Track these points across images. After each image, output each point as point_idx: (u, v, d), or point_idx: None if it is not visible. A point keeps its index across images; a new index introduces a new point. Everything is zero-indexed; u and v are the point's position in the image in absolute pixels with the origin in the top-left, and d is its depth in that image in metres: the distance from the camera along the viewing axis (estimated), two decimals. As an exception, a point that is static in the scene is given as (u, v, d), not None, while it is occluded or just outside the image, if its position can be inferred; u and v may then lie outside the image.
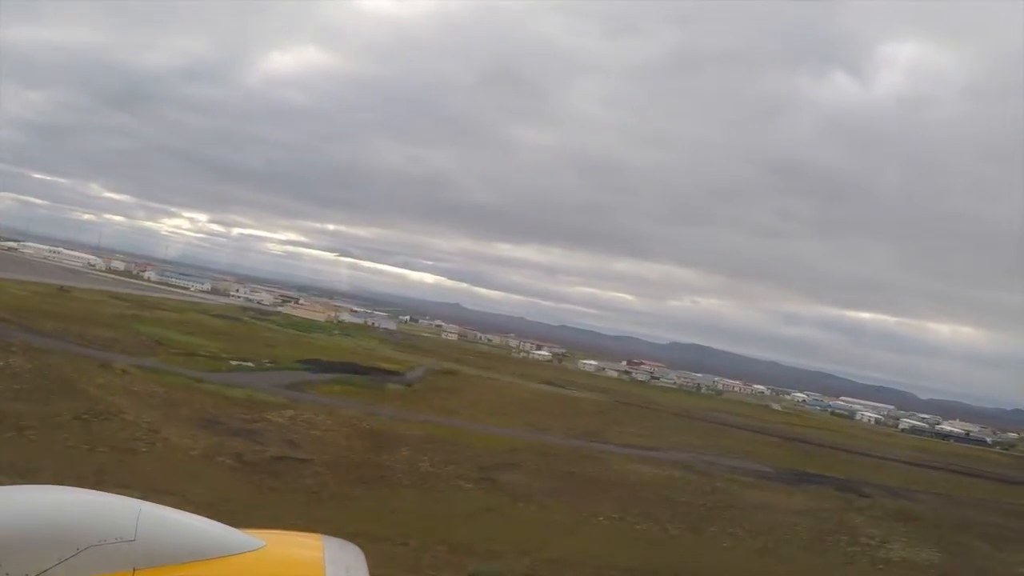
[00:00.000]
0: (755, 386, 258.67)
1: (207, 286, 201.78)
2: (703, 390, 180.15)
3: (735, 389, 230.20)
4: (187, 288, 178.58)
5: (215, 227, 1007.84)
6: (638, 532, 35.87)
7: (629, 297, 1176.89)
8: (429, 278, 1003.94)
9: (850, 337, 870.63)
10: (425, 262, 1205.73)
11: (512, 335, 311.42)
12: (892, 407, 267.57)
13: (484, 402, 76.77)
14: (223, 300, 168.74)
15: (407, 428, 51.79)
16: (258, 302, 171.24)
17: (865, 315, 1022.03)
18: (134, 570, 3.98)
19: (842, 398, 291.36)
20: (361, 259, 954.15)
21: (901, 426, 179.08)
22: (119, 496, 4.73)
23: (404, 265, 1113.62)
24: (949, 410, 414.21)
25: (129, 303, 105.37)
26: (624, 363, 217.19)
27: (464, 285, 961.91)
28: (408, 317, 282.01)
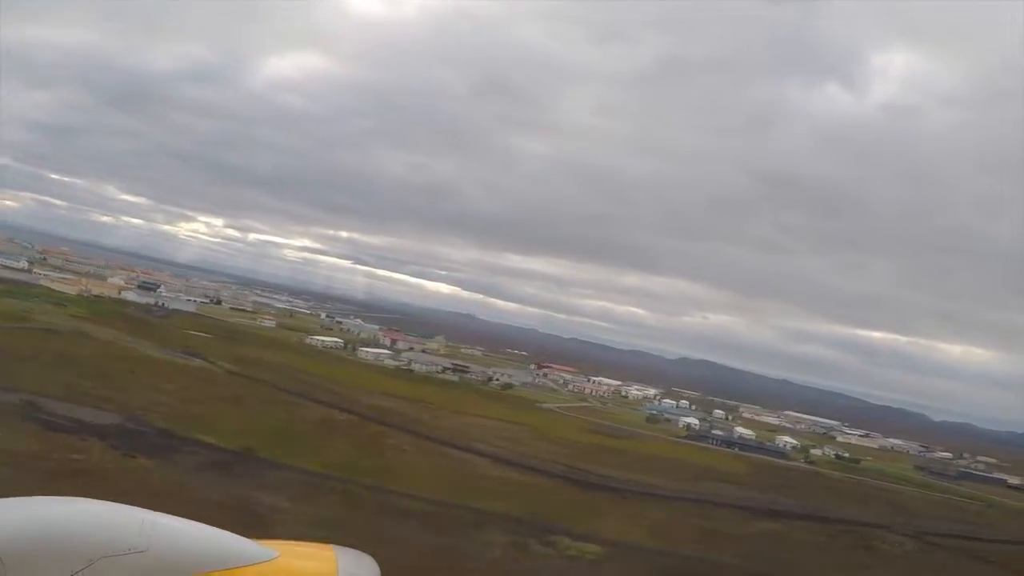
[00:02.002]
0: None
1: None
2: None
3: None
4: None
5: (231, 232, 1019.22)
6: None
7: (639, 311, 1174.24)
8: (446, 288, 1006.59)
9: (861, 356, 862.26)
10: (440, 272, 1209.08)
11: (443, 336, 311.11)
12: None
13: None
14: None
15: None
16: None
17: (876, 334, 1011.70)
18: None
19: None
20: (376, 267, 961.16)
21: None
22: (130, 507, 4.73)
23: (419, 275, 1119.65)
24: (960, 433, 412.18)
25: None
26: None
27: (480, 296, 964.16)
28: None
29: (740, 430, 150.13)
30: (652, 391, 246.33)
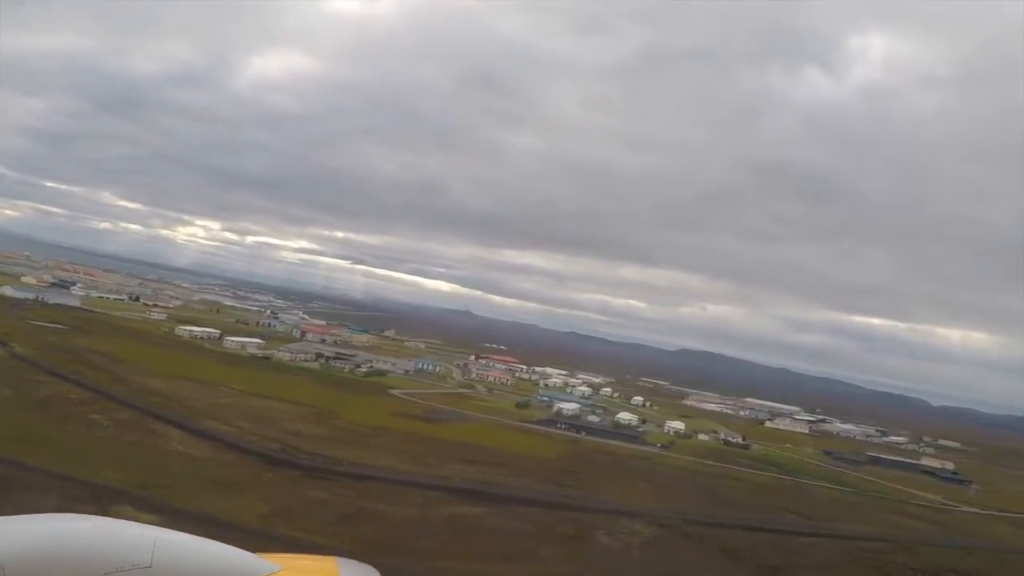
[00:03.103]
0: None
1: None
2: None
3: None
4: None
5: (229, 235, 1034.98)
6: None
7: (637, 303, 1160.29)
8: (445, 286, 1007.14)
9: (859, 343, 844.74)
10: (437, 269, 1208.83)
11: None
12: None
13: None
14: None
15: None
16: None
17: (874, 320, 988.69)
18: None
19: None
20: (374, 267, 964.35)
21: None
22: (135, 523, 4.83)
23: (416, 273, 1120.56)
24: (961, 418, 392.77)
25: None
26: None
27: (478, 293, 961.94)
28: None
29: (623, 416, 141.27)
30: (597, 379, 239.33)
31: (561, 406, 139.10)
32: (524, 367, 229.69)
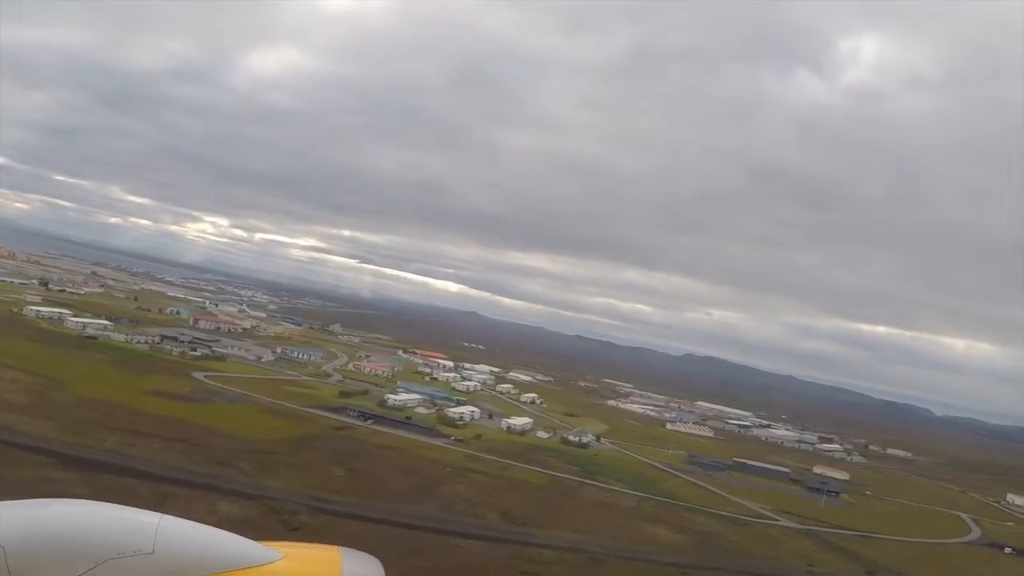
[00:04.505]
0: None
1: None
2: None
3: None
4: None
5: (238, 232, 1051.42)
6: None
7: (644, 308, 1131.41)
8: (453, 287, 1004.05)
9: (865, 351, 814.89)
10: (446, 270, 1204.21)
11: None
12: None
13: None
14: None
15: None
16: None
17: (880, 329, 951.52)
18: None
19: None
20: (382, 266, 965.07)
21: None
22: (137, 509, 4.75)
23: (424, 273, 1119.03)
24: (965, 428, 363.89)
25: None
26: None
27: (486, 294, 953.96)
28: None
29: (457, 411, 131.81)
30: (526, 378, 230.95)
31: (397, 397, 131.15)
32: (451, 363, 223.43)
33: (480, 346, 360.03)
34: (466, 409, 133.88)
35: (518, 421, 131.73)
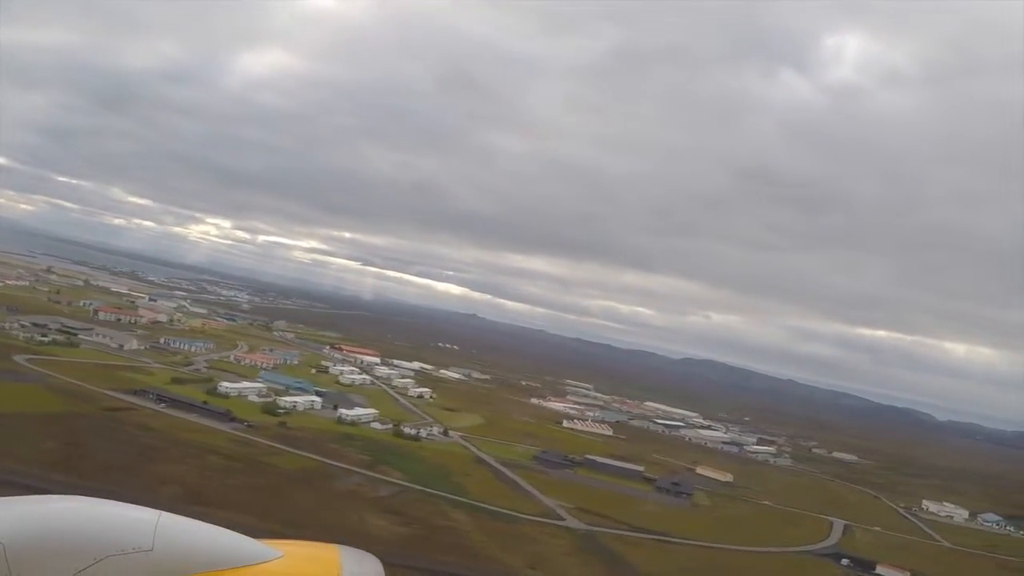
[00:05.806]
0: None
1: None
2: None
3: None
4: None
5: (240, 233, 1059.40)
6: None
7: (644, 310, 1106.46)
8: (455, 289, 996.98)
9: (866, 355, 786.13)
10: (447, 272, 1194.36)
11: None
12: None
13: None
14: None
15: None
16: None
17: (881, 333, 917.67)
18: None
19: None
20: (384, 268, 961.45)
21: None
22: (137, 506, 4.65)
23: (425, 275, 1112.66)
24: (966, 433, 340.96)
25: None
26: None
27: (488, 297, 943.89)
28: None
29: (299, 400, 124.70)
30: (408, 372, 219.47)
31: (232, 386, 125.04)
32: (378, 359, 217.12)
33: (454, 346, 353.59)
34: (303, 399, 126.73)
35: (355, 412, 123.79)
